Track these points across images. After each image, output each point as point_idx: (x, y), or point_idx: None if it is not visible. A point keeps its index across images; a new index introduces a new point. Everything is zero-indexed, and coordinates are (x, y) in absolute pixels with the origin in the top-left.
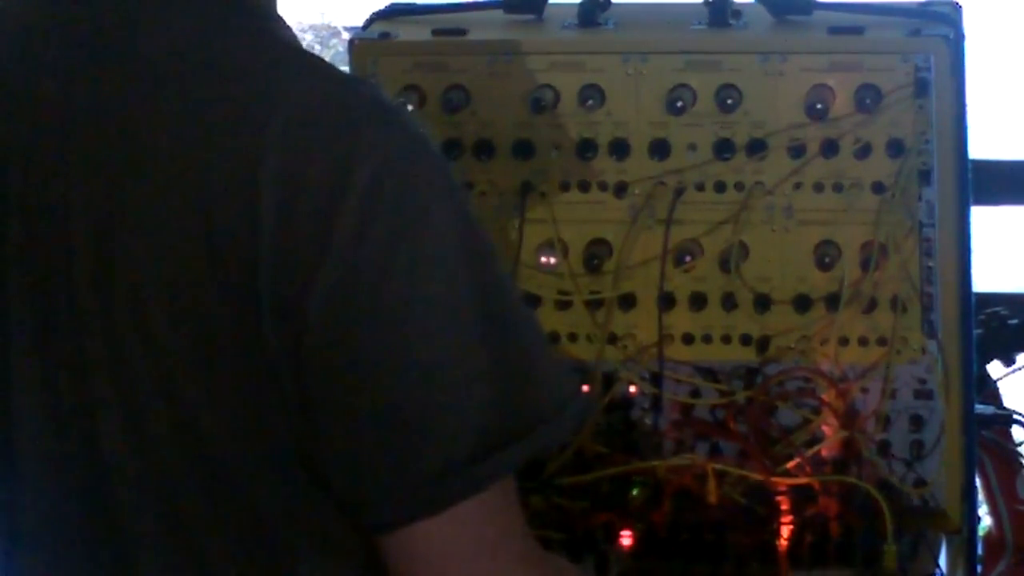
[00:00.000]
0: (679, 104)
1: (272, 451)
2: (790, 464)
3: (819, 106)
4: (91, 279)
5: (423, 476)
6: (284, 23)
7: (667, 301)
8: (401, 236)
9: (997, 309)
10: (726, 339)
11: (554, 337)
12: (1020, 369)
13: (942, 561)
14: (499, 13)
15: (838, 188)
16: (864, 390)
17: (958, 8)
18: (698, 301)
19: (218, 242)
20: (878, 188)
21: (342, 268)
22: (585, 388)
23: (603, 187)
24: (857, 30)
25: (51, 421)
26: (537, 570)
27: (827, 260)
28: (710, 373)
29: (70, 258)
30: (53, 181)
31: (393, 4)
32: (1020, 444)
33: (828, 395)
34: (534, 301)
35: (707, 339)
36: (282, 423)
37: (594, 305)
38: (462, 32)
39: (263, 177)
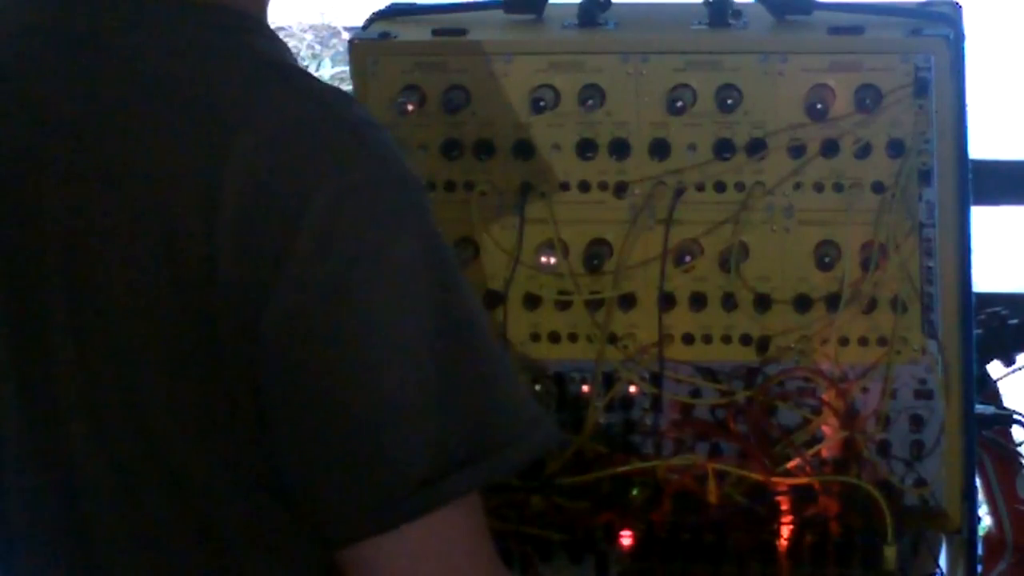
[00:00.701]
0: (679, 104)
1: (232, 466)
2: (790, 464)
3: (819, 106)
4: (63, 287)
5: (376, 496)
6: (272, 35)
7: (667, 301)
8: (359, 260)
9: (997, 309)
10: (726, 339)
11: (554, 337)
12: (1020, 369)
13: (942, 561)
14: (499, 13)
15: (838, 188)
16: (864, 390)
17: (958, 8)
18: (698, 301)
19: (179, 259)
20: (878, 188)
21: (298, 290)
22: (633, 389)
23: (603, 187)
24: (857, 30)
25: (26, 429)
26: None
27: (827, 260)
28: (710, 373)
29: (42, 265)
30: (28, 187)
31: (393, 4)
32: (1020, 444)
33: (828, 395)
34: (534, 301)
35: (707, 339)
36: (241, 439)
37: (594, 305)
38: (462, 32)
39: (225, 194)
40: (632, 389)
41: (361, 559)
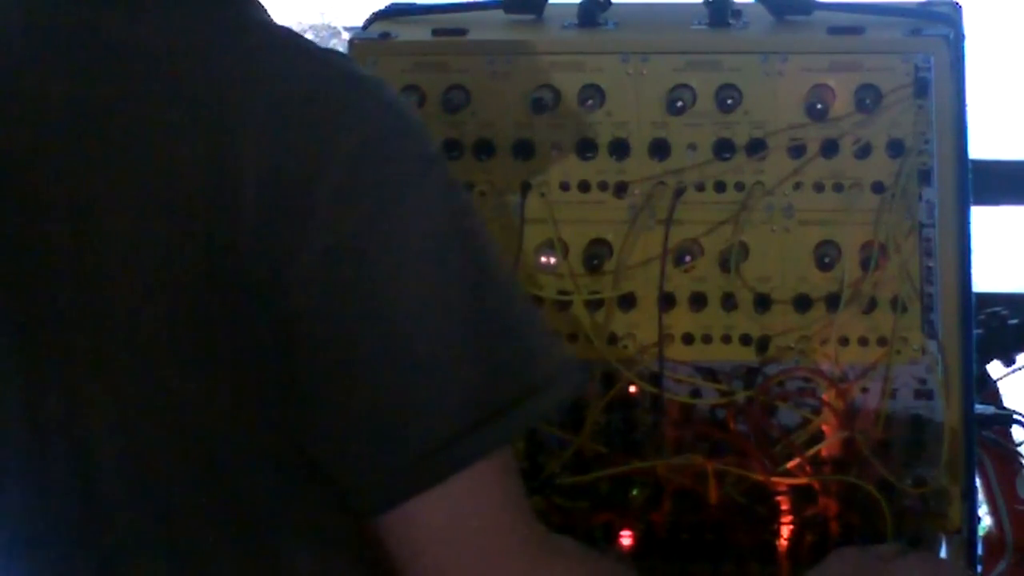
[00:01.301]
0: (679, 104)
1: (263, 441)
2: (790, 464)
3: (819, 106)
4: (73, 272)
5: (412, 454)
6: (260, 6)
7: (667, 301)
8: (383, 211)
9: (997, 309)
10: (726, 339)
11: None
12: (1020, 369)
13: None
14: (499, 13)
15: (838, 188)
16: (864, 390)
17: (958, 8)
18: (698, 301)
19: (200, 228)
20: (878, 188)
21: (324, 245)
22: (632, 388)
23: (603, 187)
24: (857, 30)
25: (33, 419)
26: (535, 546)
27: (827, 260)
28: (710, 373)
29: (49, 260)
30: (30, 174)
31: (393, 4)
32: (1020, 444)
33: (828, 395)
34: (534, 301)
35: (707, 339)
36: (272, 411)
37: (594, 305)
38: (462, 32)
39: (245, 159)
40: (632, 389)
41: (401, 523)
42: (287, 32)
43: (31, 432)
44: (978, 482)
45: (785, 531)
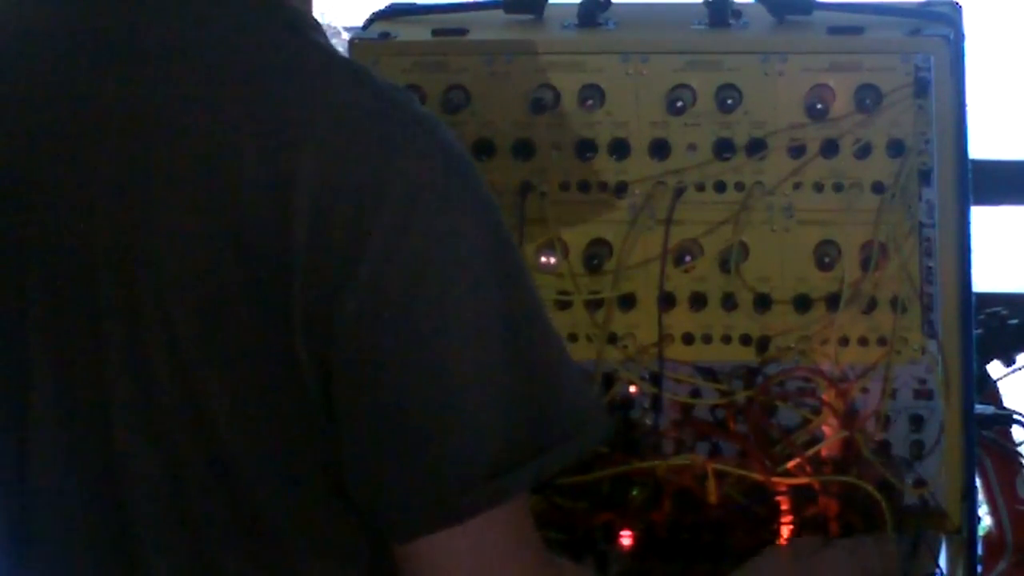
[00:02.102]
0: (679, 104)
1: (289, 459)
2: (790, 464)
3: (819, 106)
4: (113, 284)
5: (444, 488)
6: (322, 30)
7: (667, 301)
8: (433, 251)
9: (997, 309)
10: (726, 339)
11: None
12: (1020, 369)
13: (942, 561)
14: (499, 13)
15: (838, 188)
16: (864, 390)
17: (958, 8)
18: (698, 301)
19: (249, 251)
20: (878, 188)
21: (373, 280)
22: (633, 389)
23: (603, 187)
24: (857, 30)
25: (66, 426)
26: None
27: (827, 260)
28: (710, 373)
29: (92, 263)
30: (74, 190)
31: (393, 4)
32: (1020, 444)
33: (828, 395)
34: None
35: (707, 339)
36: (303, 432)
37: (594, 305)
38: (462, 32)
39: (298, 186)
40: (632, 389)
41: (422, 554)
42: (353, 63)
43: (63, 437)
44: (978, 482)
45: (785, 531)
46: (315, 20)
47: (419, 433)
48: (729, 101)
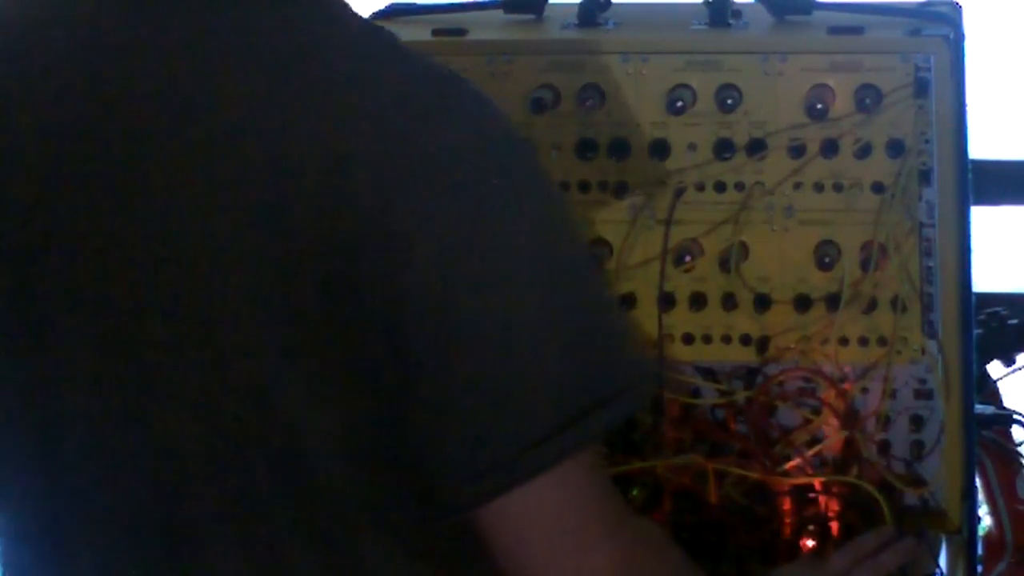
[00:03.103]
0: (679, 104)
1: (351, 439)
2: (790, 464)
3: (819, 106)
4: (157, 262)
5: (513, 448)
6: (352, 10)
7: (667, 301)
8: (494, 212)
9: (997, 309)
10: (726, 339)
11: None
12: (1020, 369)
13: (942, 561)
14: (499, 13)
15: (838, 188)
16: (864, 390)
17: (958, 8)
18: (698, 301)
19: (307, 225)
20: (878, 188)
21: (437, 244)
22: None
23: (603, 187)
24: (857, 30)
25: (108, 418)
26: (620, 536)
27: (827, 260)
28: (710, 373)
29: (143, 251)
30: (120, 170)
31: (393, 4)
32: (1020, 444)
33: (828, 395)
34: None
35: (707, 339)
36: (369, 412)
37: None
38: (462, 32)
39: (351, 157)
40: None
41: (509, 513)
42: (389, 34)
43: (103, 416)
44: (978, 482)
45: (785, 531)
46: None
47: (480, 394)
48: (729, 101)
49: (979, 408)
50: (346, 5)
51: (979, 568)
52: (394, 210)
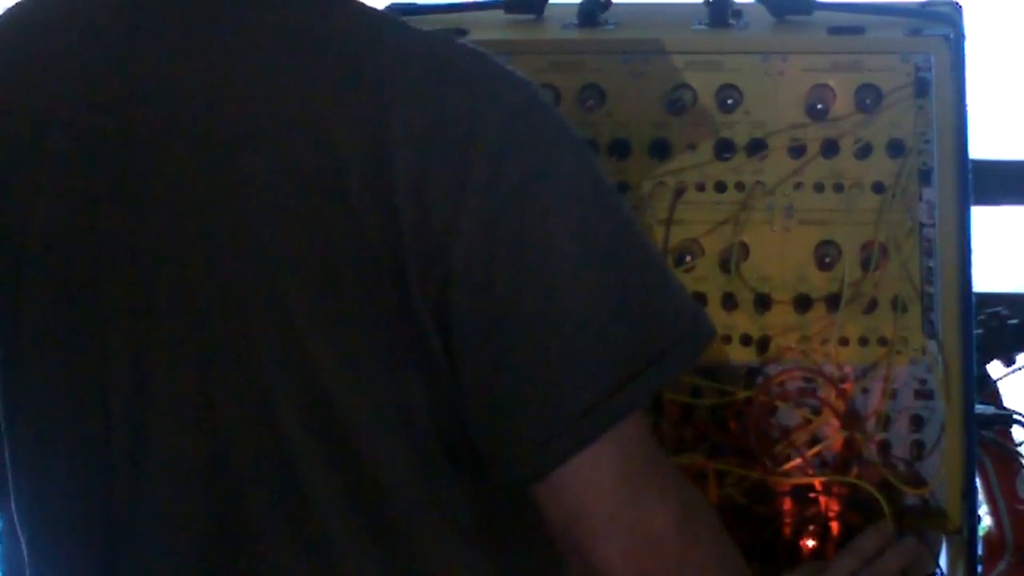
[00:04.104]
0: (679, 104)
1: (406, 426)
2: (790, 464)
3: (819, 106)
4: (204, 249)
5: (570, 414)
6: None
7: None
8: (533, 179)
9: (997, 309)
10: (726, 339)
11: None
12: (1020, 369)
13: (942, 561)
14: (499, 13)
15: (838, 188)
16: (864, 390)
17: (958, 8)
18: (698, 301)
19: (353, 208)
20: (878, 188)
21: (480, 215)
22: None
23: None
24: (857, 30)
25: (157, 411)
26: (675, 494)
27: (827, 260)
28: (710, 373)
29: (179, 231)
30: (163, 161)
31: (393, 4)
32: (1020, 444)
33: (828, 395)
34: None
35: None
36: (420, 392)
37: None
38: (462, 32)
39: (393, 133)
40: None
41: (568, 480)
42: (398, 17)
43: (169, 422)
44: (978, 482)
45: (785, 531)
46: None
47: (537, 363)
48: (729, 101)
49: (979, 408)
50: None
51: (979, 568)
52: (434, 189)
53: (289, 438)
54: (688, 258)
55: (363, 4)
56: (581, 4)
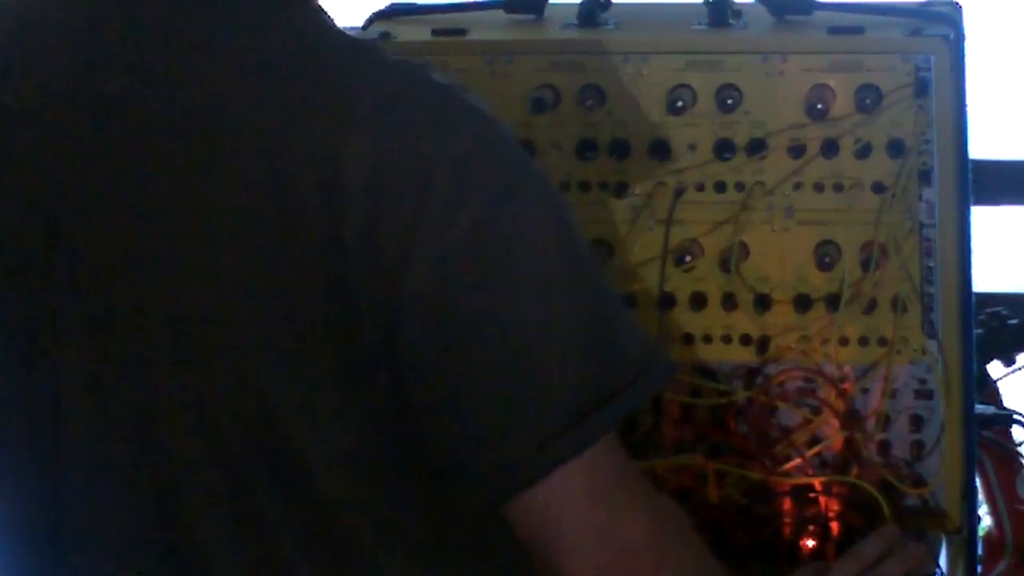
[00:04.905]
0: (679, 104)
1: (353, 445)
2: (790, 464)
3: (819, 106)
4: (158, 271)
5: (527, 446)
6: (331, 17)
7: (667, 301)
8: (493, 215)
9: (997, 309)
10: (726, 339)
11: None
12: (1020, 369)
13: (942, 561)
14: (499, 13)
15: (838, 188)
16: (864, 390)
17: (958, 8)
18: (698, 301)
19: (303, 232)
20: (878, 188)
21: (437, 248)
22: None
23: (603, 187)
24: (857, 30)
25: (107, 424)
26: (646, 507)
27: (827, 260)
28: (710, 373)
29: (134, 250)
30: (119, 176)
31: (393, 4)
32: (1020, 444)
33: (828, 395)
34: None
35: (707, 339)
36: (371, 418)
37: None
38: (462, 32)
39: (348, 162)
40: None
41: (528, 510)
42: (370, 43)
43: (106, 435)
44: (978, 482)
45: (785, 531)
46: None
47: (494, 398)
48: (729, 101)
49: (979, 408)
50: (324, 11)
51: (979, 568)
52: (389, 216)
53: (239, 461)
54: (688, 258)
55: (335, 30)
56: (581, 4)
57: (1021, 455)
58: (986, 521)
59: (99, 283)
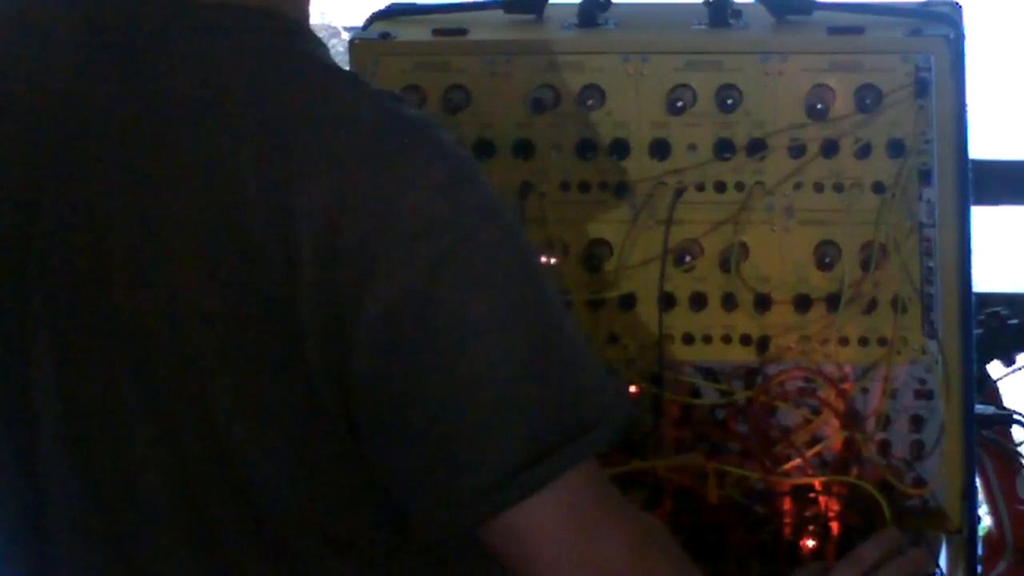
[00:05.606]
0: (679, 104)
1: (305, 468)
2: (790, 464)
3: (819, 106)
4: (124, 291)
5: (474, 489)
6: (319, 41)
7: (667, 301)
8: (451, 256)
9: (997, 309)
10: (726, 339)
11: None
12: (1020, 369)
13: (942, 561)
14: (499, 13)
15: (838, 188)
16: (864, 390)
17: (958, 8)
18: (698, 301)
19: (256, 264)
20: (878, 188)
21: (390, 292)
22: (633, 389)
23: (603, 187)
24: (857, 30)
25: (75, 435)
26: (625, 527)
27: (827, 260)
28: (710, 373)
29: (101, 267)
30: (87, 189)
31: (393, 4)
32: (1020, 444)
33: (828, 395)
34: None
35: (707, 339)
36: (321, 446)
37: (594, 305)
38: (462, 32)
39: (301, 199)
40: (632, 389)
41: (508, 528)
42: (350, 75)
43: (73, 445)
44: (978, 482)
45: (785, 531)
46: (307, 28)
47: (443, 440)
48: (729, 101)
49: (979, 408)
50: (310, 37)
51: (979, 568)
52: (346, 252)
53: (195, 477)
54: (688, 258)
55: (316, 57)
56: (581, 4)
57: (1021, 455)
58: (986, 521)
59: (67, 290)
